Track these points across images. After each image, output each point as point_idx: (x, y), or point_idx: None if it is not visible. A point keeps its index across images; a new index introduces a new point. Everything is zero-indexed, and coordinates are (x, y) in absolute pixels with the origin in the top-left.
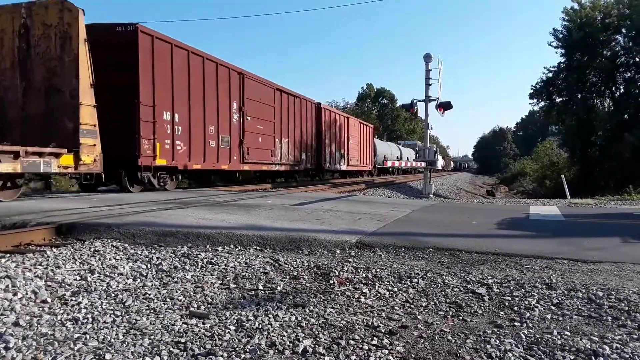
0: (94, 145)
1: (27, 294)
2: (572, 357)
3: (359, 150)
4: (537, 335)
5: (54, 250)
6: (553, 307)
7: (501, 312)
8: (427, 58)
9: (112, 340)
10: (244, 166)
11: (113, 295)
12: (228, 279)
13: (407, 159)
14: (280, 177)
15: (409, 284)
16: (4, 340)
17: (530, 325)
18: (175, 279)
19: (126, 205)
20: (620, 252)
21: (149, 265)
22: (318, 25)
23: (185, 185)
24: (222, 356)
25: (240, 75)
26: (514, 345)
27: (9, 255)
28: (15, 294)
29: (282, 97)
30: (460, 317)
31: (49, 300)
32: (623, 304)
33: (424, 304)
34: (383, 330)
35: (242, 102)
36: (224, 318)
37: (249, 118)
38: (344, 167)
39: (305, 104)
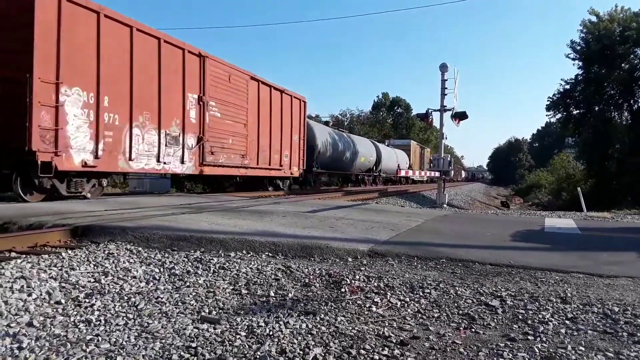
0: None
1: (41, 294)
2: None
3: (254, 136)
4: (551, 350)
5: (69, 252)
6: (568, 322)
7: (514, 325)
8: (443, 68)
9: (124, 343)
10: None
11: (126, 298)
12: (240, 284)
13: (383, 164)
14: None
15: (421, 294)
16: (17, 340)
17: (544, 339)
18: (188, 283)
19: (141, 209)
20: (637, 267)
21: (162, 269)
22: (333, 34)
23: None
24: None
25: None
26: (527, 359)
27: (24, 255)
28: (29, 295)
29: None
30: (473, 330)
31: (62, 301)
32: (639, 320)
33: (436, 315)
34: (394, 341)
35: None
36: (235, 324)
37: None
38: (181, 168)
39: None
